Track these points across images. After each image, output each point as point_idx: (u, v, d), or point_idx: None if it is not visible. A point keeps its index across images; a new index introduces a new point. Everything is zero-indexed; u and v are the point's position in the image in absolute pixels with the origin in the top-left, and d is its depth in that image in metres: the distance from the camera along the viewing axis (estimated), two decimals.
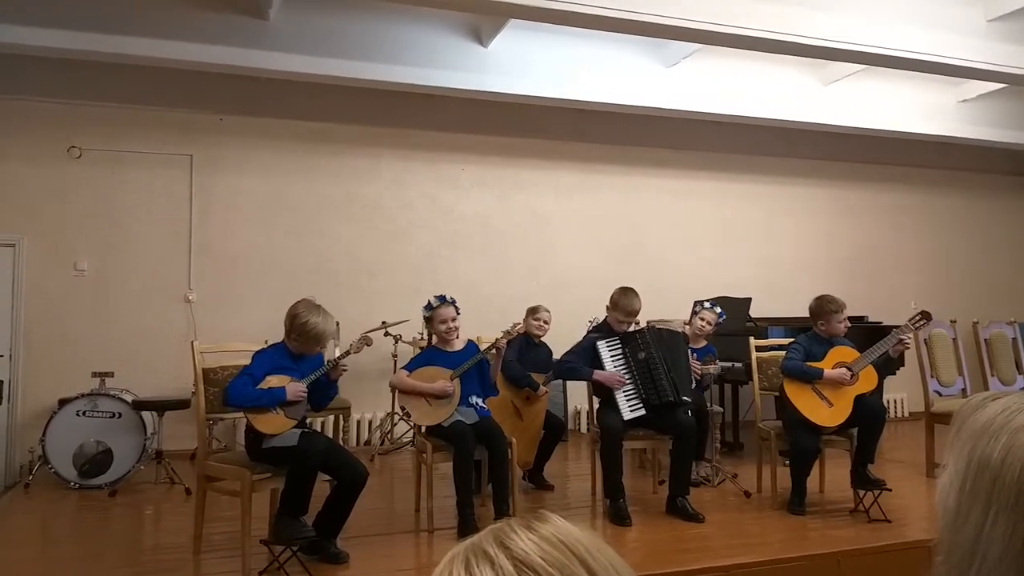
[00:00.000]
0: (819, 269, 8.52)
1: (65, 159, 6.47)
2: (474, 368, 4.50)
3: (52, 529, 4.63)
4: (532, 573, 0.67)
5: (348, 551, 3.78)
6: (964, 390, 5.87)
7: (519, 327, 4.69)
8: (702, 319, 5.43)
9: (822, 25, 5.49)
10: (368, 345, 4.08)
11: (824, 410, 4.53)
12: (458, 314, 4.55)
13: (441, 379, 4.41)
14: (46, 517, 4.84)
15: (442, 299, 4.52)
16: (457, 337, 4.58)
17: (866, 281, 8.64)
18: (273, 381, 3.77)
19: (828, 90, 7.40)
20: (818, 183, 8.83)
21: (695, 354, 5.10)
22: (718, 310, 5.46)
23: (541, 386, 5.17)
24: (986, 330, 6.19)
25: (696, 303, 5.56)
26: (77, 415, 5.34)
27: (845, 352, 4.65)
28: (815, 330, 4.77)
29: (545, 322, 5.39)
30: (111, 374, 5.78)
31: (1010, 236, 9.66)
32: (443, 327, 4.49)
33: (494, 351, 4.54)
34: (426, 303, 4.57)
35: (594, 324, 5.10)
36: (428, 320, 4.57)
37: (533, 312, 5.43)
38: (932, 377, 5.82)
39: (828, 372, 4.55)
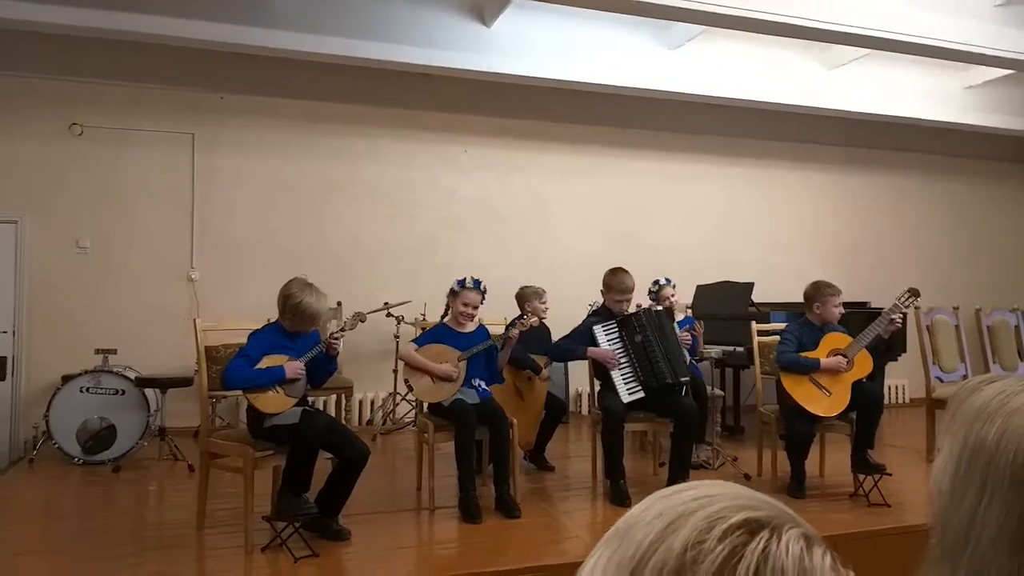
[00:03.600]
0: (821, 254, 8.51)
1: (67, 136, 6.46)
2: (482, 353, 4.54)
3: (56, 504, 4.67)
4: None
5: (350, 528, 3.81)
6: (965, 377, 5.87)
7: (534, 320, 4.70)
8: (667, 296, 5.60)
9: (828, 8, 5.45)
10: (362, 321, 4.11)
11: (823, 400, 4.53)
12: (482, 303, 4.61)
13: (449, 359, 4.44)
14: (50, 492, 4.88)
15: (476, 283, 4.58)
16: (471, 321, 4.63)
17: (869, 267, 8.63)
18: (270, 361, 3.79)
19: (832, 74, 7.36)
20: (821, 168, 8.80)
21: (682, 327, 5.17)
22: (664, 279, 5.70)
23: (543, 369, 5.19)
24: (989, 317, 6.19)
25: (651, 291, 5.69)
26: (81, 392, 5.37)
27: (838, 338, 4.64)
28: (807, 317, 4.77)
29: (546, 304, 5.41)
30: (114, 351, 5.80)
31: (1014, 223, 9.63)
32: (463, 309, 4.54)
33: (506, 338, 4.59)
34: (461, 279, 4.60)
35: (594, 308, 5.12)
36: (453, 295, 4.60)
37: (539, 297, 5.45)
38: (934, 363, 5.82)
39: (824, 361, 4.54)
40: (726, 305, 6.12)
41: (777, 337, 5.09)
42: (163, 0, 5.55)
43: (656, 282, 5.73)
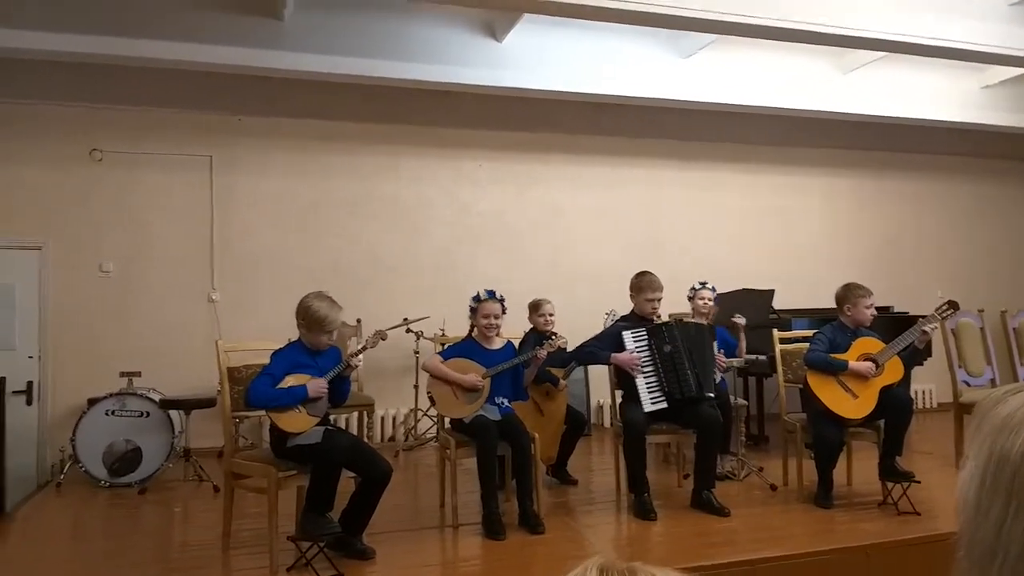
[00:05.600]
0: (842, 259, 8.44)
1: (87, 162, 6.55)
2: (508, 371, 4.52)
3: (84, 527, 4.71)
4: None
5: (374, 547, 3.81)
6: (993, 380, 5.80)
7: (562, 341, 4.68)
8: (702, 298, 5.62)
9: (842, 13, 5.43)
10: (383, 339, 4.10)
11: (849, 402, 4.49)
12: (504, 313, 4.60)
13: (474, 373, 4.43)
14: (78, 515, 4.92)
15: (491, 294, 4.59)
16: (498, 335, 4.62)
17: (890, 271, 8.55)
18: (292, 380, 3.80)
19: (848, 78, 7.32)
20: (839, 172, 8.74)
21: (720, 347, 5.11)
22: (710, 285, 5.68)
23: (560, 380, 5.18)
24: (1015, 319, 6.11)
25: (690, 289, 5.72)
26: (106, 414, 5.43)
27: (870, 343, 4.60)
28: (840, 320, 4.73)
29: (550, 314, 5.36)
30: (138, 374, 5.87)
31: None
32: (485, 321, 4.54)
33: (533, 358, 4.56)
34: (475, 295, 4.61)
35: (611, 316, 5.09)
36: (473, 312, 4.61)
37: (536, 309, 5.41)
38: (960, 367, 5.75)
39: (853, 364, 4.50)
40: (747, 313, 6.08)
41: (799, 344, 5.06)
42: (179, 25, 5.64)
43: (693, 288, 5.72)
